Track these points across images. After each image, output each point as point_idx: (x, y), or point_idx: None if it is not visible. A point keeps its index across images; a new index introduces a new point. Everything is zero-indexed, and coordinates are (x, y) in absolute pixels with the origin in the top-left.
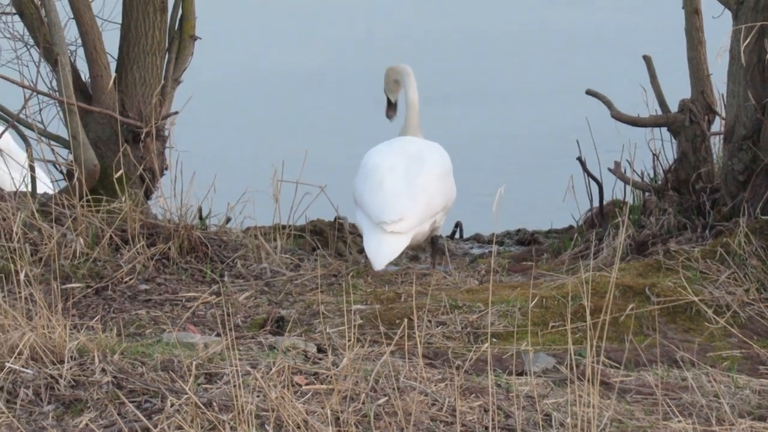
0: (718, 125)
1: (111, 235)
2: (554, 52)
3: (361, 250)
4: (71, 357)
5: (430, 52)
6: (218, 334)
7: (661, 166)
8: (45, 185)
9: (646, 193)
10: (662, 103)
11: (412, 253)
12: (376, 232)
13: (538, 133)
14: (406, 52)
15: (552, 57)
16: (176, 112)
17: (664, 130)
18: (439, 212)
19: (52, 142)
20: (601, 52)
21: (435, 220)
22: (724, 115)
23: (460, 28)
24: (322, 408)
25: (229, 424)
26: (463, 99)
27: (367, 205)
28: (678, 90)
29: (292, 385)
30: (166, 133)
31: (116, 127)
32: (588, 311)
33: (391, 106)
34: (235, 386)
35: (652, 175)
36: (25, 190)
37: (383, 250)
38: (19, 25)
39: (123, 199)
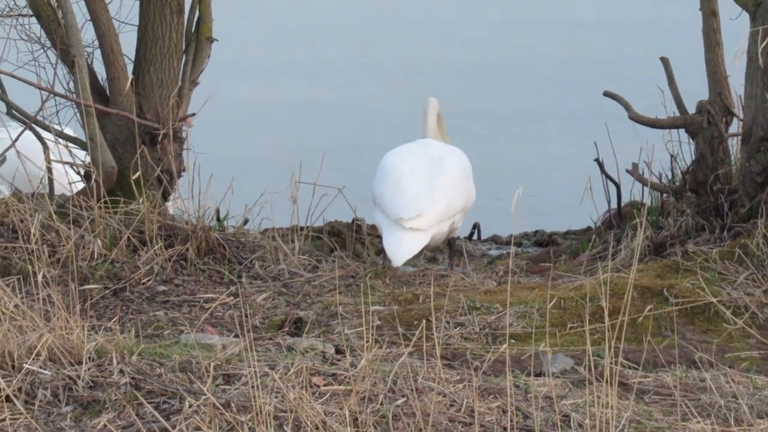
0: (735, 127)
1: (129, 237)
2: (573, 54)
3: (379, 252)
4: (89, 358)
5: (448, 60)
6: (236, 336)
7: (679, 167)
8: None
9: (664, 195)
10: (680, 104)
11: (430, 254)
12: (395, 230)
13: (556, 135)
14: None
15: (571, 58)
16: (193, 114)
17: (681, 131)
18: (458, 213)
19: (70, 144)
20: (619, 53)
21: (453, 221)
22: (741, 116)
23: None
24: (341, 409)
25: (247, 425)
26: (480, 96)
27: (386, 203)
28: (696, 92)
29: (311, 386)
30: (184, 134)
31: (133, 128)
32: (606, 312)
33: None
34: (253, 387)
35: (670, 177)
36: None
37: (402, 247)
38: (36, 27)
39: (140, 200)
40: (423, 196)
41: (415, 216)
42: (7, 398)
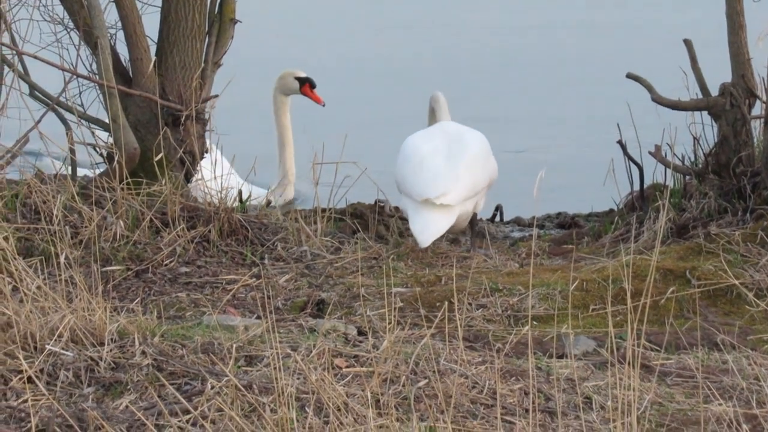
0: (758, 109)
1: (151, 218)
2: (595, 37)
3: (402, 234)
4: (111, 339)
5: (471, 40)
6: (258, 317)
7: (702, 149)
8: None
9: (687, 177)
10: (703, 86)
11: (452, 236)
12: (421, 212)
13: (579, 117)
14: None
15: (594, 42)
16: (216, 96)
17: (704, 113)
18: (482, 190)
19: (92, 125)
20: (642, 36)
21: (477, 199)
22: (764, 98)
23: (501, 17)
24: (363, 390)
25: (269, 406)
26: (502, 79)
27: (410, 184)
28: (719, 74)
29: (333, 368)
30: (207, 116)
31: (156, 110)
32: (629, 294)
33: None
34: (275, 369)
35: (692, 159)
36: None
37: (429, 227)
38: (59, 9)
39: (163, 182)
40: (448, 174)
41: (442, 194)
42: (29, 379)
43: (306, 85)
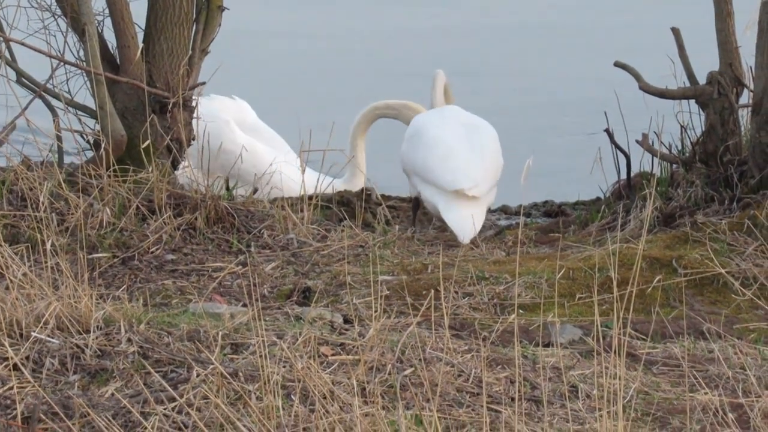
0: (746, 97)
1: (138, 205)
2: (583, 25)
3: (389, 222)
4: (97, 327)
5: (457, 24)
6: (244, 305)
7: (689, 138)
8: None
9: (674, 166)
10: (690, 75)
11: (440, 224)
12: (454, 206)
13: (566, 105)
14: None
15: (581, 30)
16: (203, 83)
17: (692, 102)
18: (497, 179)
19: (79, 112)
20: (630, 24)
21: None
22: (752, 87)
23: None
24: (348, 379)
25: (255, 394)
26: (490, 71)
27: (439, 173)
28: (706, 62)
29: (318, 356)
30: (194, 103)
31: (143, 97)
32: (615, 283)
33: None
34: (261, 357)
35: (679, 148)
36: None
37: (468, 222)
38: None
39: (150, 169)
40: (477, 165)
41: (474, 185)
42: (15, 366)
43: None
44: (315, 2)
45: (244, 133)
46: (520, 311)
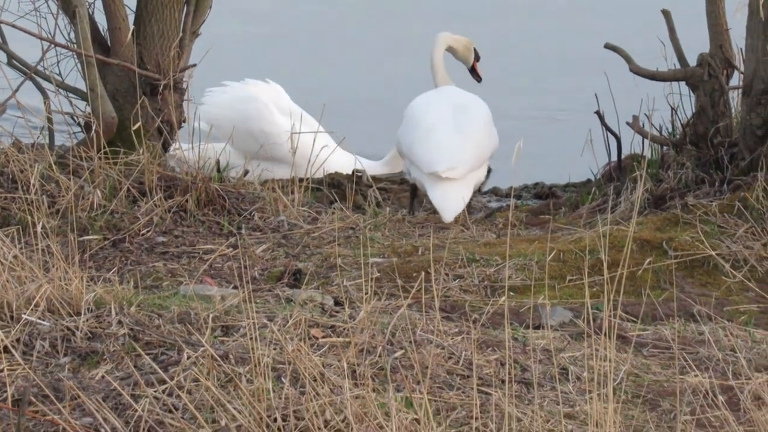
0: (736, 79)
1: (128, 188)
2: (573, 7)
3: (379, 204)
4: (88, 309)
5: (448, 10)
6: (235, 287)
7: (680, 120)
8: None
9: (664, 148)
10: (681, 57)
11: (431, 206)
12: (439, 186)
13: (557, 87)
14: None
15: (571, 12)
16: (194, 65)
17: (682, 84)
18: (487, 158)
19: (70, 95)
20: (620, 5)
21: (483, 167)
22: (742, 69)
23: None
24: (339, 361)
25: (245, 376)
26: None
27: (418, 155)
28: (697, 44)
29: (309, 338)
30: (184, 85)
31: (134, 79)
32: (605, 265)
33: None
34: (251, 339)
35: (670, 130)
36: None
37: (452, 202)
38: None
39: (141, 151)
40: (455, 147)
41: (449, 168)
42: (5, 349)
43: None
44: None
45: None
46: (511, 293)
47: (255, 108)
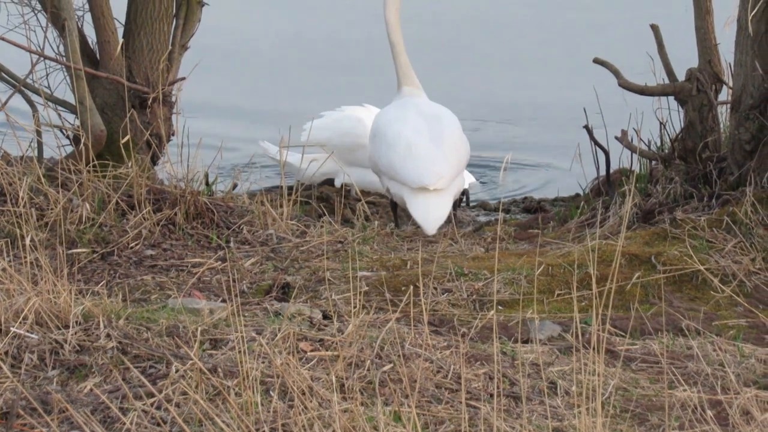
0: (725, 94)
1: (117, 201)
2: (562, 21)
3: (368, 218)
4: (76, 322)
5: (434, 18)
6: (223, 300)
7: (668, 134)
8: None
9: (653, 162)
10: (669, 72)
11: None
12: (420, 198)
13: (545, 101)
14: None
15: (560, 26)
16: (183, 78)
17: (671, 99)
18: (465, 167)
19: (59, 108)
20: (609, 20)
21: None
22: (731, 84)
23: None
24: (327, 374)
25: (233, 389)
26: (470, 66)
27: (403, 171)
28: (685, 59)
29: (297, 352)
30: (173, 99)
31: (123, 92)
32: (594, 279)
33: None
34: (240, 352)
35: (659, 144)
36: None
37: (433, 214)
38: None
39: (129, 164)
40: (438, 158)
41: (437, 179)
42: None
43: None
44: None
45: None
46: (499, 307)
47: (350, 125)
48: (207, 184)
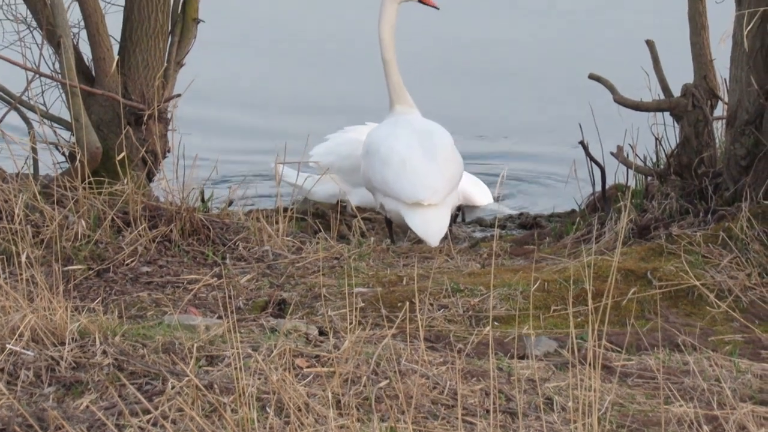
0: (720, 110)
1: (113, 218)
2: (557, 36)
3: (364, 234)
4: (72, 339)
5: (432, 33)
6: (219, 317)
7: (664, 150)
8: None
9: (649, 178)
10: (665, 87)
11: (413, 235)
12: (417, 213)
13: (541, 117)
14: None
15: (555, 41)
16: (179, 95)
17: (666, 114)
18: (459, 181)
19: (55, 125)
20: (605, 36)
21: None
22: (726, 99)
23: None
24: (324, 391)
25: (230, 406)
26: (465, 81)
27: (398, 188)
28: (681, 75)
29: (294, 368)
30: (169, 115)
31: (119, 109)
32: (590, 295)
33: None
34: (236, 369)
35: (654, 160)
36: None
37: (433, 226)
38: (22, 7)
39: (125, 181)
40: (432, 174)
41: (432, 194)
42: None
43: None
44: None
45: None
46: (495, 323)
47: (352, 148)
48: (203, 200)
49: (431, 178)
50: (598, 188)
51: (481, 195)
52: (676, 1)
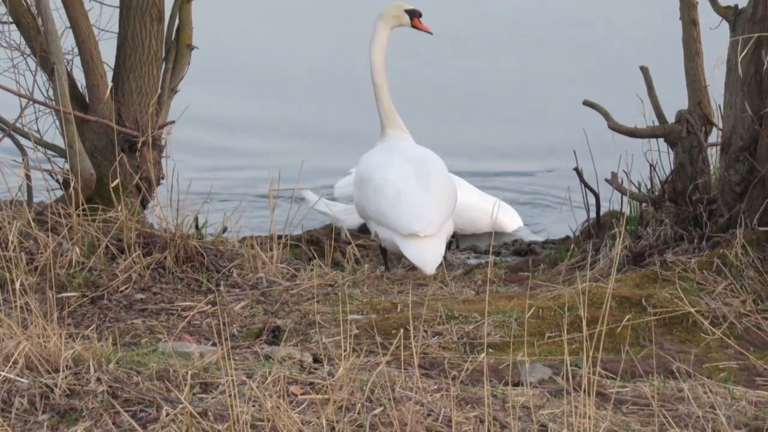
0: (715, 136)
1: (107, 245)
2: (551, 63)
3: (358, 261)
4: (66, 366)
5: (425, 60)
6: (214, 344)
7: (658, 176)
8: None
9: (643, 204)
10: (659, 114)
11: (408, 263)
12: (412, 242)
13: (535, 143)
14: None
15: (549, 68)
16: (173, 122)
17: (661, 141)
18: (454, 209)
19: (49, 151)
20: (599, 62)
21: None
22: (721, 126)
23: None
24: (318, 418)
25: None
26: (459, 109)
27: (393, 219)
28: (675, 101)
29: (288, 395)
30: (163, 142)
31: (112, 136)
32: (584, 322)
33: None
34: (230, 396)
35: (649, 186)
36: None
37: (429, 255)
38: (16, 34)
39: (119, 208)
40: (427, 205)
41: (427, 225)
42: None
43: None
44: (283, 36)
45: None
46: (490, 350)
47: None
48: (197, 227)
49: (426, 209)
50: (593, 215)
51: (511, 221)
52: (671, 27)
